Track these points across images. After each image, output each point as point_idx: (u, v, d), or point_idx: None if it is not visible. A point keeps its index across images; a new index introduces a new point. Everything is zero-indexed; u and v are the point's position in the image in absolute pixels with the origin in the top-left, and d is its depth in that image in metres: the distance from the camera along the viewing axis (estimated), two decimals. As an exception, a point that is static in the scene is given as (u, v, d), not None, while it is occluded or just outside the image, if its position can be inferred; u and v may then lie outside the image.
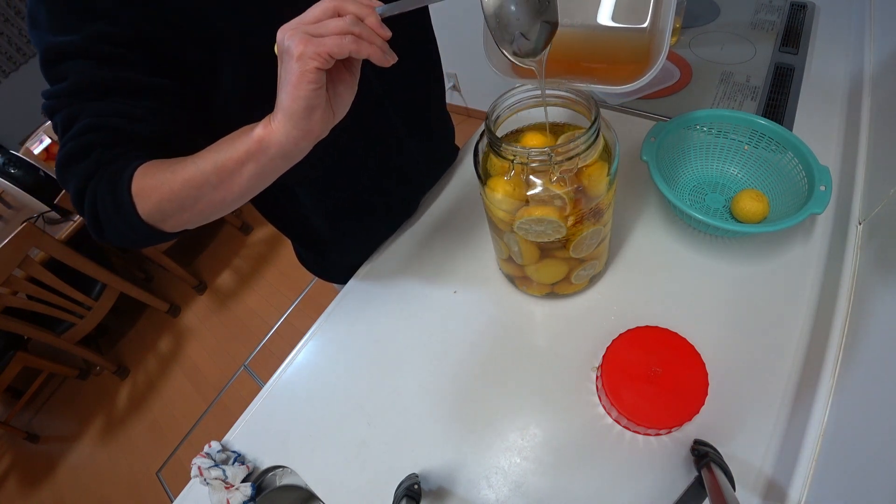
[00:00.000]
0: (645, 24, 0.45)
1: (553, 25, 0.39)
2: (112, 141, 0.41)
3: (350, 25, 0.33)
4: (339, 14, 0.33)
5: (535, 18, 0.38)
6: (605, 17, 0.47)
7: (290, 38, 0.32)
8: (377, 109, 0.57)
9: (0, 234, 1.39)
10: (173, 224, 0.41)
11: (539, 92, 0.45)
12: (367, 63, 0.54)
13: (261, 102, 0.45)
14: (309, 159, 0.41)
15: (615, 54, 0.47)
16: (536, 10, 0.37)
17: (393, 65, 0.36)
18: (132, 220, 0.40)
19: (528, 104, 0.46)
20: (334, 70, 0.35)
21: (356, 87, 0.38)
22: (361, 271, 0.69)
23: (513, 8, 0.36)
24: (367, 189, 0.64)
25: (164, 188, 0.38)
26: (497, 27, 0.37)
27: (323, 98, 0.34)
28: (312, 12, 0.33)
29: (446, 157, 0.79)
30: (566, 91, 0.44)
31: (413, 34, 0.59)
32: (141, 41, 0.41)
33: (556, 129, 0.49)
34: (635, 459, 0.46)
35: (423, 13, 0.61)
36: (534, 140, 0.48)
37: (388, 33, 0.35)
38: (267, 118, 0.36)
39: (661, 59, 0.40)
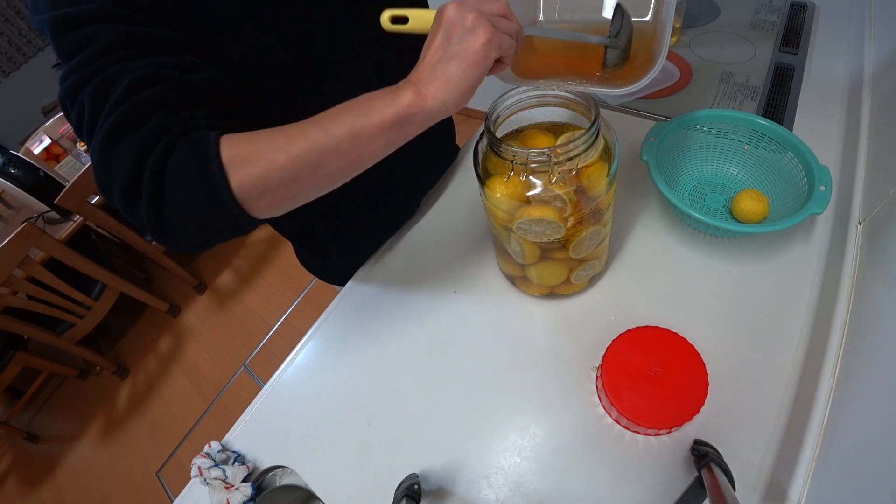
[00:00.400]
0: (647, 17, 0.47)
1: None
2: (176, 99, 0.34)
3: (516, 31, 0.36)
4: (507, 17, 0.36)
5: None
6: (608, 11, 0.48)
7: (476, 21, 0.34)
8: None
9: (0, 234, 1.39)
10: (268, 203, 0.35)
11: (539, 92, 0.45)
12: (368, 62, 0.54)
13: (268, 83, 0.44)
14: None
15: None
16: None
17: (396, 66, 0.37)
18: (220, 195, 0.32)
19: (528, 104, 0.46)
20: None
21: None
22: (361, 272, 0.69)
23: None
24: (367, 191, 0.64)
25: (275, 154, 0.33)
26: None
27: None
28: (491, 5, 0.36)
29: (447, 157, 0.79)
30: (566, 91, 0.44)
31: (416, 42, 0.59)
32: (161, 8, 0.36)
33: (556, 130, 0.50)
34: (635, 459, 0.46)
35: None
36: (534, 140, 0.48)
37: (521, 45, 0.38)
38: (408, 85, 0.35)
39: (660, 62, 0.40)
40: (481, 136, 0.47)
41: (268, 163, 0.33)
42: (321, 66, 0.48)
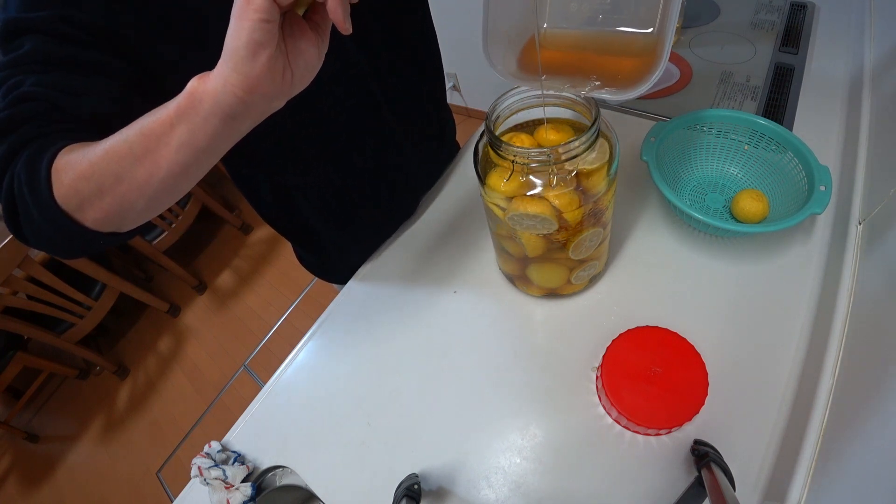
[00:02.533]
0: (651, 30, 0.45)
1: None
2: (49, 115, 0.35)
3: None
4: None
5: None
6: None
7: None
8: (375, 112, 0.57)
9: (0, 235, 1.39)
10: (93, 215, 0.33)
11: (539, 92, 0.45)
12: (365, 64, 0.54)
13: None
14: (307, 162, 0.39)
15: (620, 52, 0.47)
16: None
17: (392, 65, 0.35)
18: (45, 203, 0.32)
19: (528, 104, 0.46)
20: (295, 21, 0.30)
21: (323, 53, 0.33)
22: (361, 271, 0.69)
23: None
24: (366, 191, 0.64)
25: (82, 162, 0.32)
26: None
27: (273, 36, 0.27)
28: None
29: (447, 156, 0.79)
30: (566, 93, 0.44)
31: (411, 33, 0.59)
32: (108, 30, 0.37)
33: (558, 128, 0.49)
34: (635, 459, 0.46)
35: (423, 11, 0.60)
36: (529, 140, 0.48)
37: None
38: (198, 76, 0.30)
39: (661, 67, 0.39)
40: (481, 135, 0.47)
41: (75, 171, 0.32)
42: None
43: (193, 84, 0.29)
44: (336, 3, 0.28)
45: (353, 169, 0.61)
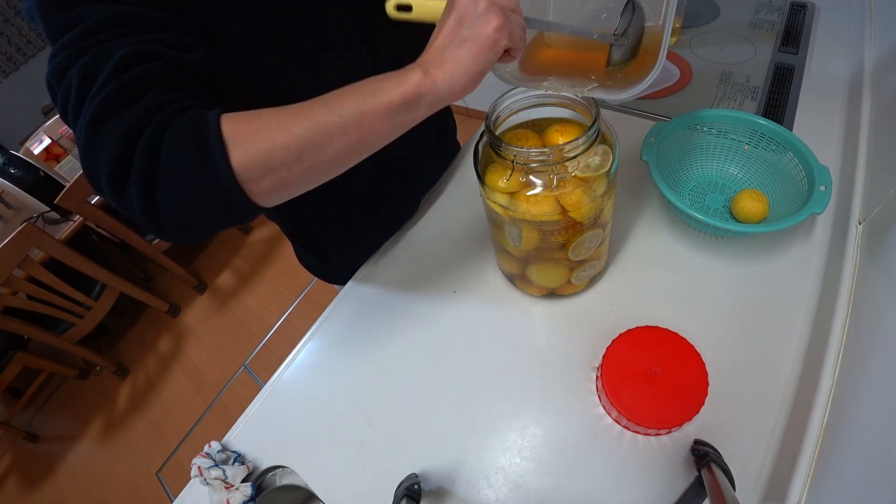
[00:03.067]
0: (659, 21, 0.46)
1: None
2: (168, 76, 0.32)
3: (522, 26, 0.36)
4: (516, 11, 0.36)
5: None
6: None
7: (489, 8, 0.34)
8: None
9: (0, 234, 1.39)
10: (269, 185, 0.32)
11: (540, 92, 0.45)
12: (370, 64, 0.54)
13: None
14: None
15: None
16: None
17: (397, 65, 0.36)
18: (219, 173, 0.30)
19: (528, 104, 0.46)
20: None
21: None
22: (361, 272, 0.69)
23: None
24: (367, 191, 0.64)
25: (278, 132, 0.31)
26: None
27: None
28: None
29: (448, 157, 0.79)
30: (566, 93, 0.44)
31: (420, 38, 0.59)
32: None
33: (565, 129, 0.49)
34: (635, 459, 0.46)
35: None
36: (533, 139, 0.48)
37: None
38: (417, 67, 0.34)
39: (657, 68, 0.39)
40: (481, 135, 0.47)
41: (269, 140, 0.31)
42: (312, 62, 0.48)
43: (419, 80, 0.34)
44: (518, 54, 0.38)
45: (354, 169, 0.60)
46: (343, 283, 0.69)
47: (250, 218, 0.35)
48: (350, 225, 0.67)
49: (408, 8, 0.39)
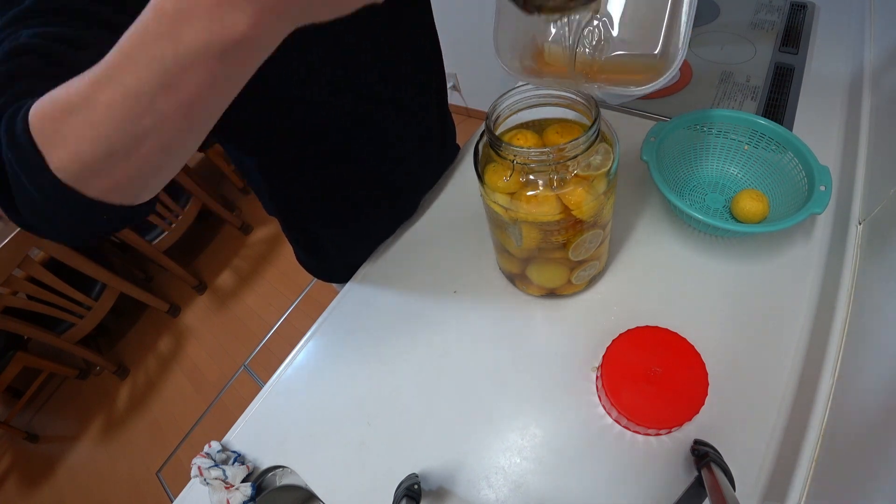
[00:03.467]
0: (656, 51, 0.44)
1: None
2: (41, 71, 0.29)
3: None
4: None
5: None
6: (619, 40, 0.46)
7: None
8: (379, 113, 0.57)
9: (0, 234, 1.39)
10: (103, 185, 0.26)
11: (540, 91, 0.45)
12: (371, 69, 0.53)
13: None
14: (307, 161, 0.38)
15: (623, 71, 0.46)
16: None
17: (397, 70, 0.32)
18: (40, 176, 0.25)
19: (528, 103, 0.46)
20: None
21: None
22: (361, 272, 0.69)
23: None
24: (366, 191, 0.64)
25: (84, 128, 0.24)
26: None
27: None
28: None
29: (448, 158, 0.79)
30: (566, 91, 0.44)
31: (417, 41, 0.59)
32: None
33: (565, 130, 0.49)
34: (635, 459, 0.46)
35: (428, 15, 0.60)
36: (533, 138, 0.48)
37: None
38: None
39: (678, 63, 0.39)
40: (482, 135, 0.47)
41: (75, 138, 0.24)
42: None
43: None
44: None
45: (354, 169, 0.61)
46: (343, 282, 0.69)
47: (128, 219, 0.30)
48: (349, 224, 0.67)
49: None
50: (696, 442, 0.44)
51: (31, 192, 0.26)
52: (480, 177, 0.46)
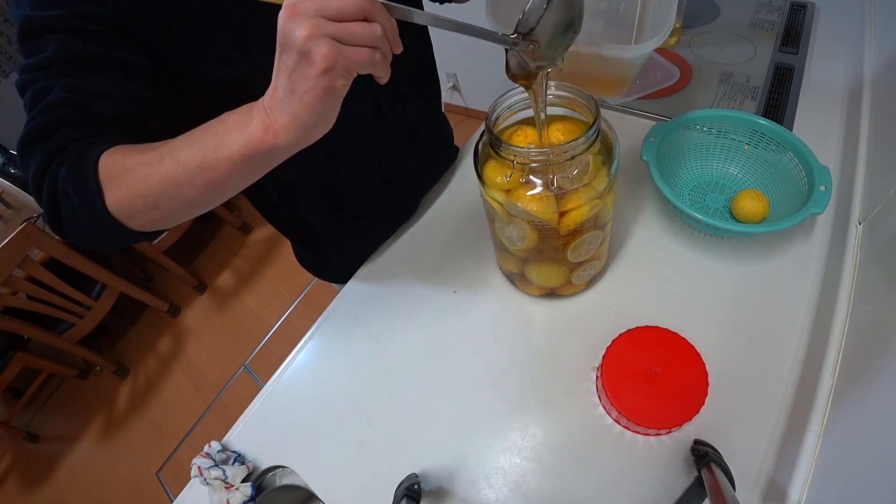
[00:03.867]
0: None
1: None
2: (81, 119, 0.37)
3: (380, 39, 0.29)
4: (367, 19, 0.29)
5: (561, 37, 0.36)
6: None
7: (310, 41, 0.27)
8: (378, 114, 0.57)
9: (0, 234, 1.39)
10: (141, 222, 0.37)
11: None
12: (370, 81, 0.53)
13: (237, 85, 0.42)
14: (309, 162, 0.39)
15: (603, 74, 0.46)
16: (565, 27, 0.35)
17: (394, 80, 0.34)
18: (96, 210, 0.35)
19: (527, 104, 0.46)
20: None
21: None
22: (361, 272, 0.69)
23: (548, 19, 0.33)
24: (367, 194, 0.64)
25: (137, 184, 0.34)
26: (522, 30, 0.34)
27: (338, 108, 0.32)
28: (340, 4, 0.27)
29: (445, 158, 0.79)
30: (566, 91, 0.44)
31: (415, 50, 0.59)
32: (124, 22, 0.38)
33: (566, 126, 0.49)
34: (635, 459, 0.46)
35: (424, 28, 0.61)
36: (534, 136, 0.48)
37: (400, 48, 0.32)
38: (264, 110, 0.31)
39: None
40: (482, 135, 0.47)
41: (129, 190, 0.34)
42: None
43: (258, 133, 0.31)
44: (384, 77, 0.32)
45: (355, 170, 0.61)
46: (343, 282, 0.69)
47: (150, 239, 0.41)
48: (351, 227, 0.67)
49: None
50: (696, 442, 0.44)
51: (82, 217, 0.36)
52: (480, 176, 0.46)
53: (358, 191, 0.63)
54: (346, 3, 0.28)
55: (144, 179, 0.34)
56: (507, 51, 0.37)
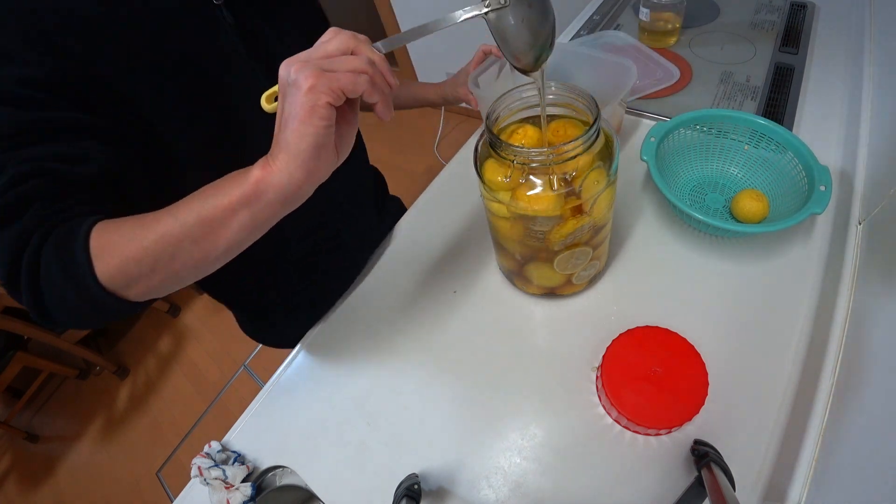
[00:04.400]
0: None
1: (549, 47, 0.39)
2: (54, 191, 0.34)
3: (366, 65, 0.31)
4: (352, 53, 0.32)
5: (531, 42, 0.38)
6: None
7: (300, 71, 0.29)
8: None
9: None
10: (139, 291, 0.34)
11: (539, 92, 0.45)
12: None
13: (208, 140, 0.43)
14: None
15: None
16: (533, 33, 0.38)
17: None
18: (87, 285, 0.32)
19: (528, 104, 0.46)
20: (342, 110, 0.33)
21: (357, 127, 0.36)
22: (360, 272, 0.69)
23: (512, 26, 0.37)
24: (302, 256, 0.63)
25: (131, 245, 0.32)
26: (500, 42, 0.38)
27: (332, 137, 0.31)
28: (325, 47, 0.31)
29: (390, 210, 0.80)
30: (567, 91, 0.44)
31: None
32: (64, 82, 0.36)
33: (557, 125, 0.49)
34: (635, 459, 0.46)
35: None
36: (535, 134, 0.48)
37: (396, 83, 0.34)
38: (264, 159, 0.32)
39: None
40: (482, 135, 0.47)
41: (124, 254, 0.32)
42: (247, 127, 0.46)
43: (257, 174, 0.31)
44: (384, 108, 0.33)
45: (283, 238, 0.57)
46: (290, 347, 0.64)
47: (142, 309, 0.37)
48: (297, 287, 0.66)
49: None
50: (696, 442, 0.44)
51: (69, 295, 0.32)
52: (480, 176, 0.46)
53: (304, 252, 0.62)
54: (330, 45, 0.31)
55: (140, 240, 0.32)
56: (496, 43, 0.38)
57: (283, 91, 0.31)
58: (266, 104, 0.34)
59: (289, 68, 0.30)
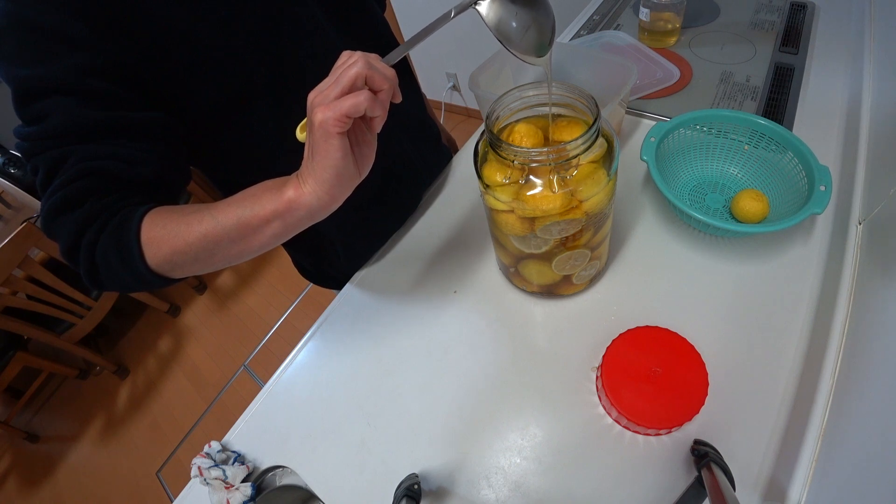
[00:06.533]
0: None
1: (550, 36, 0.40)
2: (110, 187, 0.39)
3: (381, 88, 0.34)
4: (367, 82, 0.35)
5: (531, 35, 0.39)
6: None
7: (312, 108, 0.33)
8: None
9: (0, 234, 1.39)
10: (181, 274, 0.41)
11: (540, 91, 0.45)
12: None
13: (245, 122, 0.47)
14: None
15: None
16: (529, 27, 0.39)
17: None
18: (140, 270, 0.38)
19: (528, 104, 0.46)
20: (360, 133, 0.37)
21: (376, 143, 0.39)
22: (361, 273, 0.69)
23: (513, 24, 0.38)
24: (371, 186, 0.64)
25: (177, 240, 0.38)
26: (501, 38, 0.38)
27: (351, 163, 0.35)
28: (334, 86, 0.33)
29: (441, 155, 0.79)
30: (567, 91, 0.44)
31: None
32: (125, 72, 0.39)
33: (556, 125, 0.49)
34: (635, 459, 0.46)
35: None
36: (531, 133, 0.48)
37: (399, 98, 0.37)
38: (296, 177, 0.36)
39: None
40: (482, 135, 0.47)
41: (170, 247, 0.38)
42: (301, 77, 0.48)
43: (291, 195, 0.36)
44: (377, 121, 0.36)
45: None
46: (340, 286, 0.68)
47: (182, 280, 0.44)
48: (358, 222, 0.67)
49: None
50: (696, 442, 0.44)
51: (124, 276, 0.39)
52: (480, 176, 0.46)
53: (363, 186, 0.63)
54: (342, 80, 0.33)
55: (185, 236, 0.38)
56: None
57: (309, 118, 0.34)
58: (300, 133, 0.38)
59: (311, 100, 0.34)
